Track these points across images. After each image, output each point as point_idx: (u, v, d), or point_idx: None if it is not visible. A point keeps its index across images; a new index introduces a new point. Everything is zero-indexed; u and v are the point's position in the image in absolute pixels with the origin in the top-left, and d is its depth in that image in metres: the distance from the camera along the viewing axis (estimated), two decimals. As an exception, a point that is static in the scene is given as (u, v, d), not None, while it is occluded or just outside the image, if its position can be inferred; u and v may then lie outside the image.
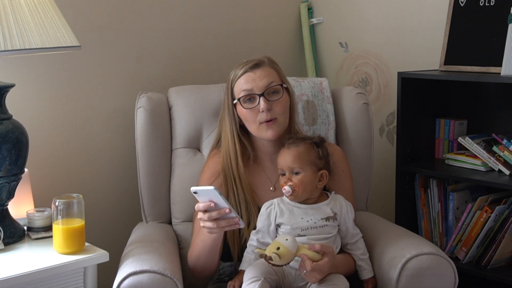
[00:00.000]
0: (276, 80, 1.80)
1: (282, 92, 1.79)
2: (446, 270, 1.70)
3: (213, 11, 2.53)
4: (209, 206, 1.52)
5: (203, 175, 1.88)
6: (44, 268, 1.64)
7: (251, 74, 1.78)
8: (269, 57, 1.86)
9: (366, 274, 1.74)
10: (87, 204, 1.79)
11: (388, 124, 2.64)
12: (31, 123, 1.99)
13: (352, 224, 1.75)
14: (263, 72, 1.79)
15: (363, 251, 1.76)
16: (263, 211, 1.73)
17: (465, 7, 2.24)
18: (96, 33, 2.20)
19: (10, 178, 1.76)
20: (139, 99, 2.07)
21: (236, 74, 1.81)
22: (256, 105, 1.76)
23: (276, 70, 1.83)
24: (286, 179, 1.69)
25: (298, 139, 1.74)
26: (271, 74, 1.80)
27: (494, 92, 2.30)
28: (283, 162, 1.71)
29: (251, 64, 1.80)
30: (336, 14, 2.77)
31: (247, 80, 1.78)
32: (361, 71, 2.72)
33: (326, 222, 1.69)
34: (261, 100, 1.75)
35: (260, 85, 1.76)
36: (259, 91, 1.76)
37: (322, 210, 1.71)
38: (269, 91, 1.77)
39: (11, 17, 1.61)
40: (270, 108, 1.76)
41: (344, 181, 1.87)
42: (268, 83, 1.77)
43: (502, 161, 2.09)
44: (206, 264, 1.74)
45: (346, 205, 1.74)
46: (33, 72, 2.08)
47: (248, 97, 1.77)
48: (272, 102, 1.76)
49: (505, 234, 2.06)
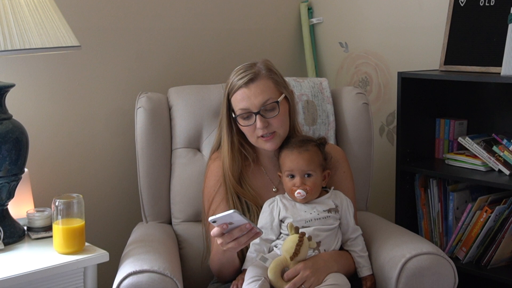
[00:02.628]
0: (272, 95, 1.75)
1: (278, 108, 1.75)
2: (446, 270, 1.70)
3: (213, 11, 2.53)
4: (223, 229, 1.52)
5: (208, 182, 1.87)
6: (44, 268, 1.64)
7: (246, 91, 1.74)
8: (266, 63, 1.80)
9: (365, 271, 1.75)
10: (87, 204, 1.79)
11: (388, 124, 2.64)
12: (31, 123, 1.99)
13: (352, 219, 1.77)
14: (258, 88, 1.74)
15: (362, 247, 1.77)
16: (265, 208, 1.75)
17: (465, 7, 2.24)
18: (96, 33, 2.20)
19: (10, 178, 1.76)
20: (139, 99, 2.07)
21: (232, 86, 1.77)
22: (253, 123, 1.75)
23: (273, 81, 1.77)
24: (299, 182, 1.71)
25: (305, 142, 1.76)
26: (267, 89, 1.75)
27: (494, 92, 2.30)
28: (296, 165, 1.72)
29: (246, 79, 1.75)
30: (336, 14, 2.77)
31: (243, 98, 1.75)
32: (361, 71, 2.72)
33: (328, 214, 1.72)
34: (257, 118, 1.74)
35: (255, 103, 1.74)
36: (255, 110, 1.74)
37: (324, 202, 1.74)
38: (265, 109, 1.75)
39: (11, 17, 1.61)
40: (267, 125, 1.75)
41: (345, 181, 1.87)
42: (264, 101, 1.74)
43: (502, 161, 2.09)
44: (229, 271, 1.74)
45: (346, 200, 1.78)
46: (33, 72, 2.08)
47: (244, 115, 1.76)
48: (268, 119, 1.75)
49: (505, 234, 2.06)
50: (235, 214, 1.49)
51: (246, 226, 1.53)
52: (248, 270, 1.65)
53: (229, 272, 1.74)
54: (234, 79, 1.78)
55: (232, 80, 1.78)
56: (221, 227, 1.52)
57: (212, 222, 1.52)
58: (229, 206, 1.79)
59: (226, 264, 1.72)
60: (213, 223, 1.52)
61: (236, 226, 1.53)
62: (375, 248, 1.82)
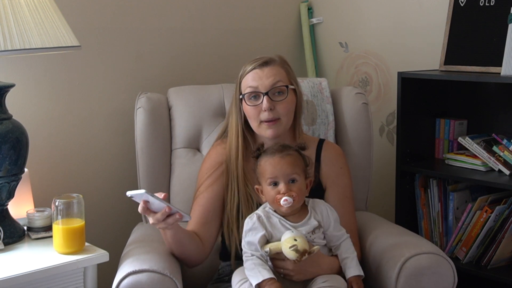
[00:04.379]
0: (283, 80, 1.78)
1: (287, 93, 1.77)
2: (445, 270, 1.70)
3: (213, 11, 2.53)
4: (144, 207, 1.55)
5: (204, 164, 1.88)
6: (44, 268, 1.64)
7: (259, 71, 1.77)
8: (281, 57, 1.84)
9: (351, 272, 1.65)
10: (87, 204, 1.79)
11: (388, 124, 2.64)
12: (31, 123, 1.99)
13: (333, 226, 1.68)
14: (271, 71, 1.77)
15: (346, 249, 1.69)
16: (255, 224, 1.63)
17: (465, 7, 2.24)
18: (96, 33, 2.20)
19: (10, 178, 1.76)
20: (139, 99, 2.07)
21: (245, 70, 1.80)
22: (259, 103, 1.75)
23: (286, 71, 1.80)
24: (285, 189, 1.59)
25: (285, 147, 1.67)
26: (279, 73, 1.78)
27: (494, 92, 2.30)
28: (279, 170, 1.61)
29: (261, 61, 1.78)
30: (336, 14, 2.77)
31: (254, 78, 1.77)
32: (361, 71, 2.72)
33: (314, 235, 1.64)
34: (265, 99, 1.74)
35: (266, 84, 1.75)
36: (264, 90, 1.75)
37: (307, 223, 1.64)
38: (274, 91, 1.76)
39: (11, 17, 1.61)
40: (272, 108, 1.75)
41: (342, 177, 1.86)
42: (274, 82, 1.76)
43: (502, 161, 2.09)
44: (182, 255, 1.75)
45: (326, 208, 1.68)
46: (33, 72, 2.08)
47: (252, 94, 1.77)
48: (275, 102, 1.75)
49: (505, 234, 2.06)
50: (146, 194, 1.49)
51: (166, 210, 1.54)
52: (235, 274, 1.64)
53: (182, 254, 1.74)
54: (247, 65, 1.80)
55: (245, 66, 1.81)
56: (144, 204, 1.54)
57: (129, 197, 1.53)
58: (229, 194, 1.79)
59: (173, 246, 1.72)
60: (131, 198, 1.54)
61: (157, 208, 1.54)
62: (374, 247, 1.82)
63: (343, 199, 1.83)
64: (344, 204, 1.83)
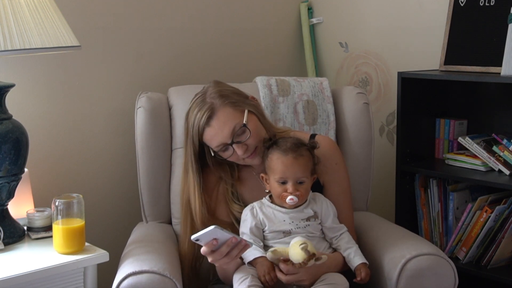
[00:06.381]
0: (235, 120, 1.71)
1: (248, 129, 1.71)
2: (446, 271, 1.70)
3: (213, 11, 2.53)
4: (212, 245, 1.51)
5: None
6: (44, 268, 1.64)
7: (211, 129, 1.71)
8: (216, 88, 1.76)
9: (356, 260, 1.68)
10: (87, 204, 1.79)
11: (388, 124, 2.64)
12: (31, 123, 1.99)
13: (332, 220, 1.72)
14: (219, 122, 1.70)
15: (348, 240, 1.73)
16: (247, 215, 1.71)
17: (465, 7, 2.24)
18: (96, 33, 2.20)
19: (10, 178, 1.76)
20: (139, 99, 2.07)
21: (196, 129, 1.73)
22: (233, 152, 1.73)
23: (230, 104, 1.72)
24: (292, 189, 1.65)
25: (299, 146, 1.69)
26: (228, 118, 1.70)
27: (494, 92, 2.30)
28: (291, 172, 1.66)
29: (204, 119, 1.70)
30: (336, 14, 2.77)
31: (211, 136, 1.72)
32: (361, 71, 2.72)
33: (307, 222, 1.69)
34: (235, 147, 1.72)
35: (225, 135, 1.70)
36: (228, 141, 1.71)
37: (302, 211, 1.70)
38: (237, 134, 1.71)
39: (11, 17, 1.61)
40: (246, 148, 1.72)
41: (338, 173, 1.84)
42: (231, 130, 1.70)
43: (502, 161, 2.09)
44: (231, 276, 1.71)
45: (326, 202, 1.74)
46: (33, 72, 2.08)
47: (221, 147, 1.74)
48: (244, 142, 1.72)
49: (505, 234, 2.06)
50: (216, 230, 1.46)
51: (232, 241, 1.51)
52: (235, 275, 1.64)
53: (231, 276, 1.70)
54: (193, 121, 1.74)
55: (191, 122, 1.75)
56: (211, 244, 1.50)
57: (195, 241, 1.50)
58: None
59: (225, 274, 1.70)
60: (196, 241, 1.50)
61: (223, 241, 1.50)
62: (375, 248, 1.82)
63: (341, 194, 1.83)
64: (342, 199, 1.82)
